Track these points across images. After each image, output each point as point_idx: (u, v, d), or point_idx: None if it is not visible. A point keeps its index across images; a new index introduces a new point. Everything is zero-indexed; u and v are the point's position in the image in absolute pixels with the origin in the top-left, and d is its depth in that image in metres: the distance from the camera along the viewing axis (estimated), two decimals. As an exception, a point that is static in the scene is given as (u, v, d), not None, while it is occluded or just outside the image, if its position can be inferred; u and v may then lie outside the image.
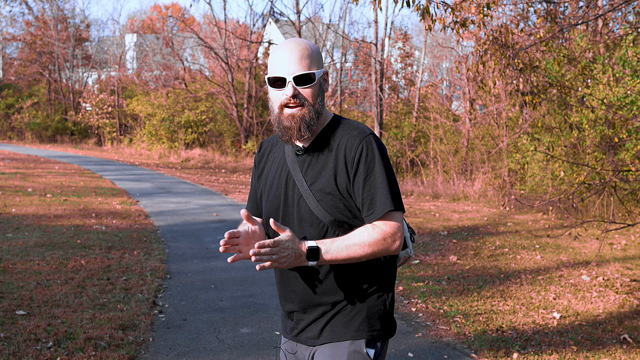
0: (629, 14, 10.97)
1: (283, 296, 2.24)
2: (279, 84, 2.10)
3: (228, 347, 4.57)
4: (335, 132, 2.17)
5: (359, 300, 2.16)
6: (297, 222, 2.15)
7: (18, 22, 38.15)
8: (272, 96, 2.15)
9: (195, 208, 11.73)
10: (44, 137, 33.10)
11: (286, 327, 2.28)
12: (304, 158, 2.17)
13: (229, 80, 23.94)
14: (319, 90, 2.14)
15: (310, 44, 2.15)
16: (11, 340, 4.47)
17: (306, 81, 2.09)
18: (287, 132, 2.13)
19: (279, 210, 2.20)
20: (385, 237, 2.07)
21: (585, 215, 10.44)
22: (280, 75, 2.09)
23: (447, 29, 6.56)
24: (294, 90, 2.09)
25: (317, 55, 2.13)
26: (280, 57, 2.11)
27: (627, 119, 7.90)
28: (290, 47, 2.11)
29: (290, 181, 2.18)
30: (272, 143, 2.33)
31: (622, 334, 4.99)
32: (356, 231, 2.08)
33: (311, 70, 2.10)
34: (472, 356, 4.55)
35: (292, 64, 2.09)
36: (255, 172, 2.37)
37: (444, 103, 20.04)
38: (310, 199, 2.12)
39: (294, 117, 2.10)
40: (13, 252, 7.28)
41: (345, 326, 2.14)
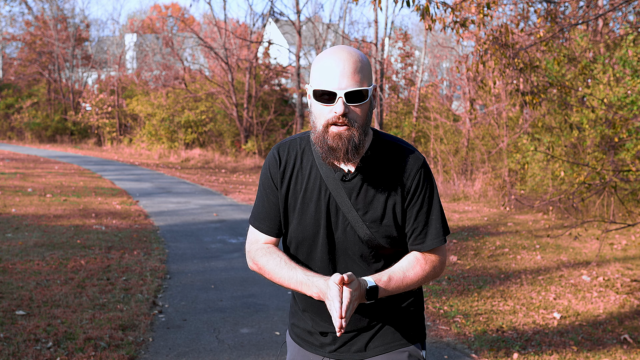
0: (630, 14, 10.97)
1: (318, 318, 2.09)
2: (327, 98, 1.87)
3: (228, 347, 4.56)
4: (386, 155, 2.00)
5: (405, 309, 2.11)
6: (341, 251, 2.01)
7: (18, 22, 38.15)
8: (317, 111, 1.91)
9: (195, 208, 11.73)
10: (44, 137, 33.09)
11: (314, 343, 2.14)
12: (349, 185, 1.97)
13: (228, 80, 23.94)
14: (369, 109, 1.93)
15: (362, 56, 1.93)
16: (11, 340, 4.47)
17: (358, 98, 1.87)
18: (332, 153, 1.90)
19: (316, 237, 2.01)
20: (435, 268, 2.03)
21: (585, 215, 10.44)
22: (330, 89, 1.86)
23: (447, 29, 6.55)
24: (345, 108, 1.86)
25: (369, 69, 1.92)
26: (331, 67, 1.87)
27: (628, 118, 7.89)
28: (343, 57, 1.88)
29: (332, 207, 1.99)
30: (297, 154, 2.04)
31: (623, 334, 4.98)
32: (408, 265, 1.99)
33: (363, 86, 1.88)
34: (472, 356, 4.55)
35: (345, 77, 1.86)
36: (274, 187, 2.05)
37: (444, 103, 20.03)
38: (362, 228, 1.96)
39: (341, 138, 1.88)
40: (13, 252, 7.28)
41: (395, 334, 2.08)
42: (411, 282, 1.99)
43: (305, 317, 2.13)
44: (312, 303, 2.07)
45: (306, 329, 2.13)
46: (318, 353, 2.12)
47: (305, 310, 2.12)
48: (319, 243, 2.01)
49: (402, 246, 2.05)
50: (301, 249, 2.05)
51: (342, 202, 1.97)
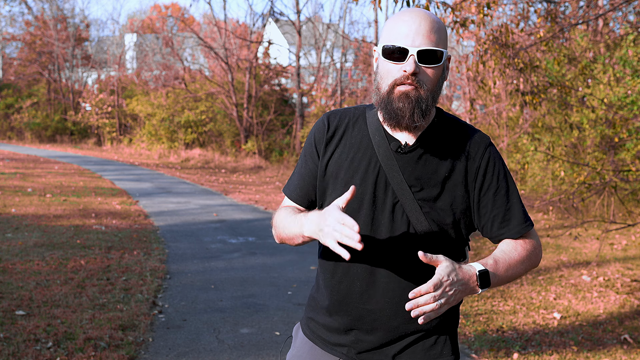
0: (630, 14, 10.96)
1: (344, 309, 1.87)
2: (397, 56, 1.71)
3: (228, 347, 4.56)
4: (448, 132, 1.82)
5: (440, 321, 1.87)
6: (384, 232, 1.79)
7: (18, 22, 38.15)
8: (384, 70, 1.75)
9: (195, 208, 11.72)
10: (44, 137, 33.09)
11: (331, 341, 1.93)
12: (405, 158, 1.79)
13: (228, 80, 23.93)
14: (441, 75, 1.75)
15: (440, 21, 1.75)
16: (11, 340, 4.46)
17: (432, 59, 1.71)
18: (397, 114, 1.73)
19: (359, 212, 1.79)
20: (538, 252, 1.84)
21: (585, 215, 10.43)
22: (403, 45, 1.69)
23: (447, 29, 6.55)
24: (415, 66, 1.69)
25: (445, 34, 1.75)
26: (405, 25, 1.71)
27: (628, 118, 7.89)
28: (420, 16, 1.72)
29: (381, 181, 1.79)
30: (349, 122, 1.86)
31: (623, 334, 4.98)
32: (507, 247, 1.81)
33: (439, 47, 1.71)
34: (472, 356, 4.54)
35: (419, 35, 1.70)
36: (315, 154, 1.87)
37: (444, 103, 20.02)
38: (413, 208, 1.77)
39: (408, 97, 1.71)
40: (13, 252, 7.27)
41: (427, 352, 1.86)
42: (517, 266, 1.78)
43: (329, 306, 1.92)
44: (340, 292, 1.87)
45: (325, 324, 1.93)
46: (334, 353, 1.93)
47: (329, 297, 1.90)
48: (359, 219, 1.79)
49: (455, 245, 1.85)
50: None
51: (393, 176, 1.77)
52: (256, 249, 8.05)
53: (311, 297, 2.03)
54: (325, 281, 1.92)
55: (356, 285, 1.84)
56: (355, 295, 1.84)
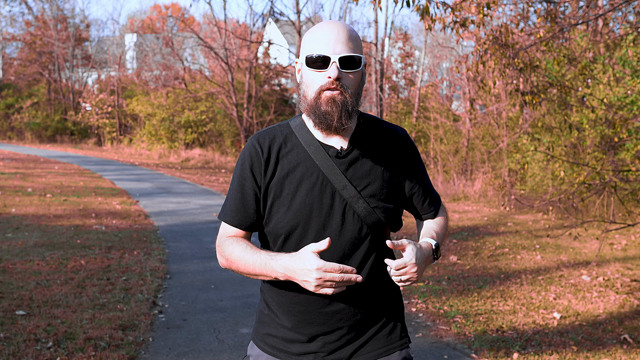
0: (629, 14, 10.97)
1: (307, 319, 1.95)
2: (320, 64, 1.84)
3: (228, 347, 4.56)
4: (374, 130, 2.00)
5: (393, 307, 2.06)
6: (337, 232, 1.90)
7: (18, 22, 38.17)
8: (309, 78, 1.87)
9: (195, 208, 11.73)
10: (44, 137, 33.10)
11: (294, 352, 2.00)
12: (345, 161, 1.91)
13: (229, 80, 23.93)
14: (361, 79, 1.90)
15: (354, 30, 1.92)
16: (11, 340, 4.47)
17: (352, 65, 1.85)
18: (326, 118, 1.85)
19: (308, 222, 1.90)
20: (447, 222, 2.16)
21: (585, 215, 10.44)
22: (324, 54, 1.83)
23: (447, 29, 6.55)
24: (339, 72, 1.83)
25: (360, 41, 1.90)
26: (325, 35, 1.85)
27: (628, 119, 7.89)
28: (337, 26, 1.87)
29: (326, 188, 1.90)
30: (279, 141, 1.95)
31: (623, 334, 4.98)
32: (440, 219, 2.11)
33: (357, 53, 1.86)
34: (472, 356, 4.55)
35: (339, 43, 1.84)
36: (252, 178, 1.94)
37: (444, 103, 20.03)
38: (362, 206, 1.90)
39: (335, 101, 1.84)
40: (13, 252, 7.28)
41: (388, 337, 2.03)
42: (446, 230, 2.12)
43: (284, 323, 2.00)
44: (297, 307, 1.95)
45: (285, 337, 2.00)
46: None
47: (287, 315, 1.99)
48: (310, 230, 1.90)
49: (394, 223, 2.01)
50: (290, 240, 1.93)
51: (337, 181, 1.90)
52: (256, 249, 8.05)
53: (261, 315, 2.09)
54: (279, 297, 1.99)
55: (305, 293, 1.91)
56: (317, 302, 1.93)
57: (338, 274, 1.73)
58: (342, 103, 1.84)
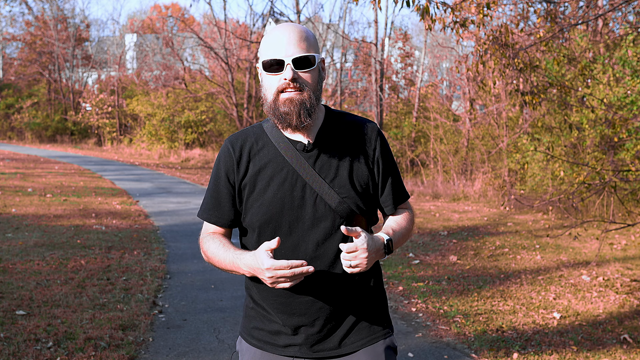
0: (629, 14, 10.97)
1: (288, 310, 2.02)
2: (276, 68, 1.93)
3: (228, 347, 4.56)
4: (342, 125, 2.06)
5: (374, 298, 2.11)
6: (310, 223, 1.98)
7: (18, 22, 38.18)
8: (267, 82, 1.97)
9: (195, 208, 11.73)
10: (44, 137, 33.10)
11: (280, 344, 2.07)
12: (312, 155, 2.00)
13: (229, 80, 23.94)
14: (318, 76, 1.98)
15: (307, 29, 1.99)
16: (11, 340, 4.47)
17: (306, 64, 1.93)
18: (285, 118, 1.94)
19: (281, 215, 1.98)
20: (414, 221, 2.18)
21: (585, 215, 10.44)
22: (278, 57, 1.92)
23: (447, 29, 6.56)
24: (293, 73, 1.91)
25: (314, 40, 1.98)
26: (277, 39, 1.94)
27: (627, 118, 7.90)
28: (288, 29, 1.95)
29: (297, 182, 1.98)
30: (251, 140, 2.06)
31: (622, 334, 4.99)
32: (401, 218, 2.11)
33: (310, 52, 1.94)
34: (472, 356, 4.55)
35: (291, 45, 1.92)
36: (226, 178, 2.05)
37: (444, 103, 20.03)
38: (332, 196, 1.97)
39: (292, 101, 1.93)
40: (13, 252, 7.28)
41: (371, 327, 2.09)
42: (407, 233, 2.11)
43: (271, 316, 2.07)
44: (278, 292, 2.01)
45: (272, 329, 2.07)
46: (286, 354, 2.07)
47: (271, 308, 2.05)
48: (283, 222, 1.99)
49: (368, 214, 2.07)
50: (264, 233, 2.01)
51: (307, 174, 1.98)
52: (256, 249, 8.05)
53: (247, 309, 2.16)
54: (260, 292, 2.06)
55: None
56: (298, 291, 1.99)
57: (288, 270, 1.82)
58: (300, 102, 1.93)
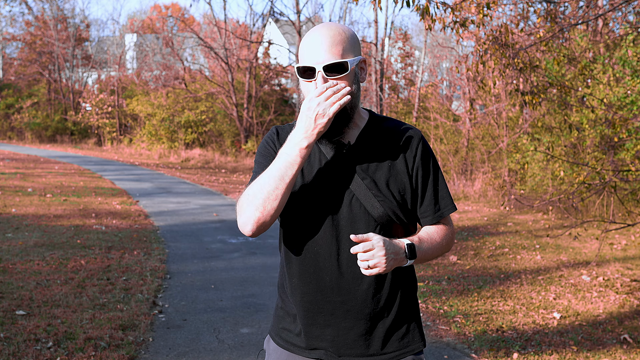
0: (629, 14, 10.97)
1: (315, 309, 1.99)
2: (309, 74, 1.89)
3: (228, 347, 4.56)
4: (384, 129, 2.02)
5: (407, 309, 2.04)
6: (345, 223, 1.95)
7: (18, 22, 38.17)
8: (303, 87, 1.93)
9: (195, 208, 11.73)
10: (44, 137, 33.10)
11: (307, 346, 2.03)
12: (351, 155, 1.98)
13: (229, 80, 23.94)
14: (353, 80, 1.92)
15: (345, 29, 1.92)
16: (11, 340, 4.47)
17: (338, 70, 1.87)
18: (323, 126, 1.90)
19: (319, 214, 1.96)
20: (452, 234, 2.07)
21: (585, 215, 10.44)
22: (309, 64, 1.87)
23: (447, 29, 6.55)
24: (324, 81, 1.87)
25: (352, 40, 1.91)
26: (310, 44, 1.89)
27: (627, 118, 7.89)
28: (322, 32, 1.89)
29: (335, 179, 1.96)
30: None
31: (623, 334, 4.99)
32: (434, 230, 2.02)
33: (344, 58, 1.88)
34: (472, 356, 4.55)
35: (323, 51, 1.86)
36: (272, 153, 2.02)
37: (444, 103, 20.02)
38: (368, 198, 1.94)
39: None
40: (13, 252, 7.28)
41: (402, 341, 2.01)
42: (438, 246, 2.00)
43: (299, 316, 2.05)
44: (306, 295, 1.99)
45: (298, 331, 2.05)
46: (312, 357, 2.04)
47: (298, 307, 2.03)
48: (322, 221, 1.96)
49: (406, 224, 2.01)
50: (303, 229, 1.99)
51: (344, 173, 1.96)
52: (256, 249, 8.05)
53: (277, 309, 2.14)
54: (293, 287, 2.03)
55: (326, 280, 1.97)
56: (327, 290, 1.97)
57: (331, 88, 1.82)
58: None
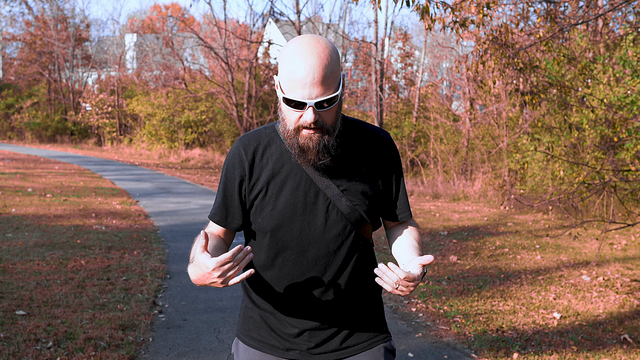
0: (629, 14, 10.97)
1: (293, 314, 2.03)
2: (296, 104, 1.82)
3: (228, 347, 4.56)
4: (356, 133, 2.03)
5: (374, 304, 2.14)
6: (321, 230, 1.97)
7: (18, 22, 38.17)
8: (287, 112, 1.87)
9: (195, 208, 11.73)
10: (44, 137, 33.10)
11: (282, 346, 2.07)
12: (326, 162, 1.93)
13: (229, 80, 23.93)
14: (339, 106, 1.90)
15: (329, 49, 1.83)
16: (11, 340, 4.47)
17: (328, 103, 1.83)
18: (302, 154, 1.89)
19: (293, 219, 1.97)
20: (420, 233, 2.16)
21: (585, 215, 10.44)
22: (300, 99, 1.80)
23: (447, 29, 6.55)
24: (315, 115, 1.81)
25: (336, 63, 1.84)
26: (299, 74, 1.79)
27: (627, 118, 7.89)
28: (312, 64, 1.78)
29: (311, 188, 1.96)
30: (264, 144, 2.01)
31: (623, 334, 4.99)
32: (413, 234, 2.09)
33: (334, 85, 1.83)
34: (472, 356, 4.55)
35: (314, 86, 1.79)
36: (235, 180, 2.01)
37: (444, 103, 20.02)
38: (345, 204, 1.97)
39: (312, 140, 1.86)
40: (13, 252, 7.28)
41: (371, 332, 2.10)
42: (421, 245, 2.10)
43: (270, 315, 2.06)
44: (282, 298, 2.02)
45: (271, 330, 2.07)
46: (287, 356, 2.06)
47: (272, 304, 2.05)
48: (294, 227, 1.97)
49: (374, 221, 2.08)
50: (276, 237, 1.99)
51: (320, 180, 1.96)
52: (256, 249, 8.05)
53: (246, 310, 2.14)
54: (266, 294, 2.06)
55: (304, 285, 2.00)
56: (305, 295, 2.01)
57: (231, 261, 1.77)
58: (319, 141, 1.86)
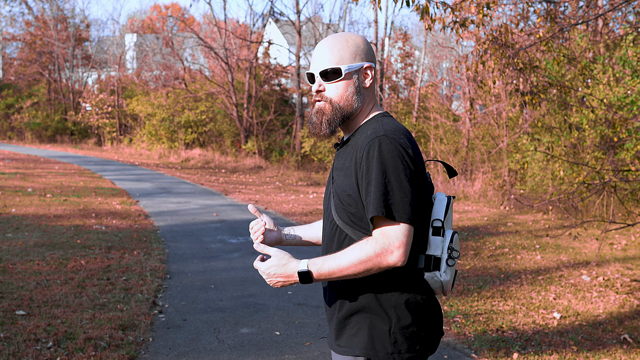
0: (629, 14, 10.97)
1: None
2: (311, 79, 2.08)
3: (228, 347, 4.56)
4: (362, 130, 2.06)
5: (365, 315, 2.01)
6: (325, 217, 2.14)
7: (18, 22, 38.14)
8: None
9: (195, 208, 11.73)
10: (44, 137, 33.08)
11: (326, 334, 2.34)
12: (338, 152, 2.12)
13: (229, 80, 23.93)
14: (348, 86, 2.03)
15: (351, 37, 2.06)
16: (11, 340, 4.47)
17: (333, 76, 2.03)
18: (313, 127, 2.08)
19: (326, 208, 2.17)
20: (377, 250, 1.86)
21: (585, 215, 10.44)
22: (310, 70, 2.07)
23: (447, 29, 6.56)
24: (319, 85, 2.05)
25: (355, 48, 2.04)
26: (315, 51, 2.08)
27: (627, 119, 7.89)
28: (325, 41, 2.07)
29: (331, 177, 2.13)
30: None
31: (623, 334, 4.99)
32: (349, 247, 1.92)
33: (340, 64, 2.02)
34: (472, 356, 4.55)
35: (320, 58, 2.04)
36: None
37: (444, 103, 20.02)
38: (334, 199, 2.04)
39: (317, 112, 2.06)
40: (13, 252, 7.28)
41: (349, 340, 2.03)
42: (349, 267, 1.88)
43: None
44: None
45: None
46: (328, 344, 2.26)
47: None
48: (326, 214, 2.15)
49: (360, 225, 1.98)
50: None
51: (332, 171, 2.13)
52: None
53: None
54: None
55: None
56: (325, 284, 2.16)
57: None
58: (322, 112, 2.04)
